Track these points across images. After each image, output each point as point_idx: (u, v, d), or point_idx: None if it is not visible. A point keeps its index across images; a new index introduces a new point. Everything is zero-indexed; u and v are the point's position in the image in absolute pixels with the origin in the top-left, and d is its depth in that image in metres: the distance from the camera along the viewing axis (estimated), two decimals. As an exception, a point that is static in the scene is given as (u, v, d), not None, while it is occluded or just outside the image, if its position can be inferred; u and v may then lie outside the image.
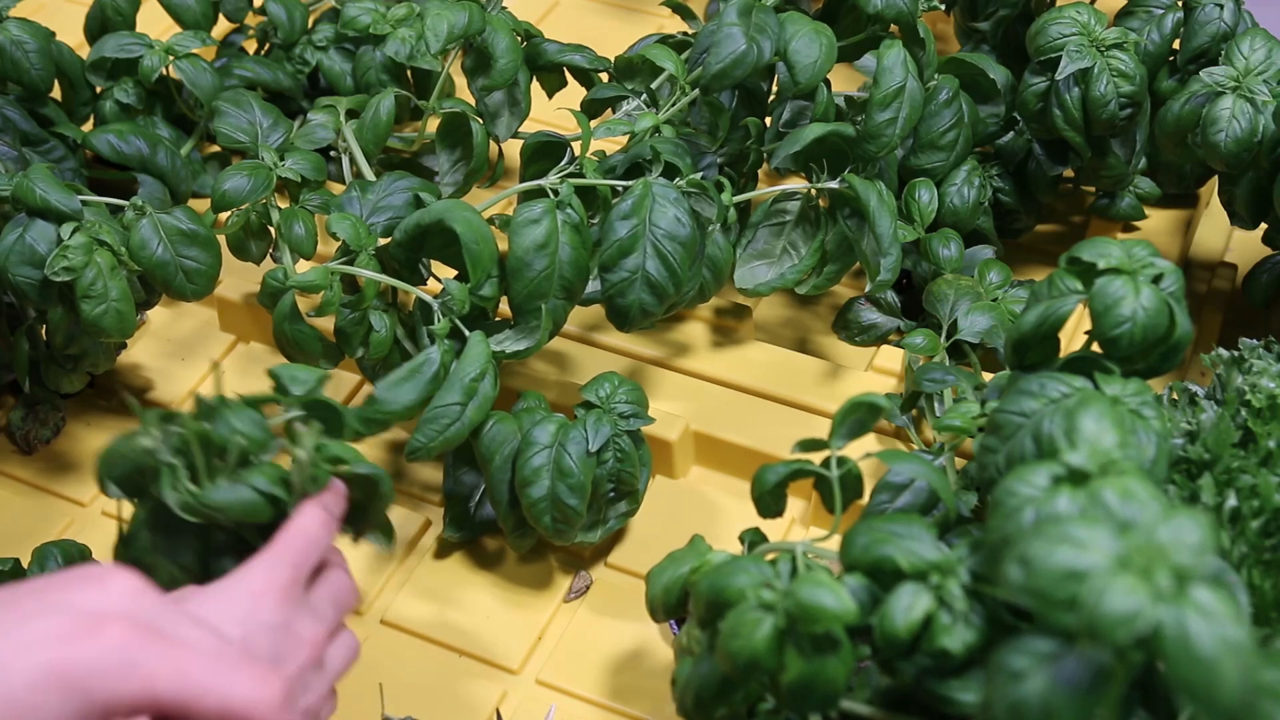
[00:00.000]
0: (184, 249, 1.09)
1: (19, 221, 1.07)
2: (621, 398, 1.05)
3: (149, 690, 0.61)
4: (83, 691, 0.60)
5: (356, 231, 1.07)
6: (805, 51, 1.11)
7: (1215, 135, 1.12)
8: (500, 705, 1.02)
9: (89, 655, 0.60)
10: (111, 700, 0.61)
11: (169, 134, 1.33)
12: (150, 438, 0.85)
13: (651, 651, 1.05)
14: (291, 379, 0.90)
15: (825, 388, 1.17)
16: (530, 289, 1.03)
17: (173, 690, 0.62)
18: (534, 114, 1.29)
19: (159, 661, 0.62)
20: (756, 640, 0.75)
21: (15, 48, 1.23)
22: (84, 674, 0.60)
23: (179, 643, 0.64)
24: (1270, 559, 0.86)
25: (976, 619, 0.73)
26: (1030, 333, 0.86)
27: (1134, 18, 1.25)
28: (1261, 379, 0.94)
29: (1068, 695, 0.62)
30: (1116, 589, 0.59)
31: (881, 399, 0.85)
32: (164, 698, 0.62)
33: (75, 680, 0.60)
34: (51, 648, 0.60)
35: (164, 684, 0.62)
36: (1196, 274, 1.30)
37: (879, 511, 0.95)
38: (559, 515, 1.01)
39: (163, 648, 0.62)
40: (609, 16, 1.62)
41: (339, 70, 1.39)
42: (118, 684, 0.61)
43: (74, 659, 0.60)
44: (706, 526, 1.11)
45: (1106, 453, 0.70)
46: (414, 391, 1.00)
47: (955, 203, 1.24)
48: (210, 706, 0.63)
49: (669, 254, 1.05)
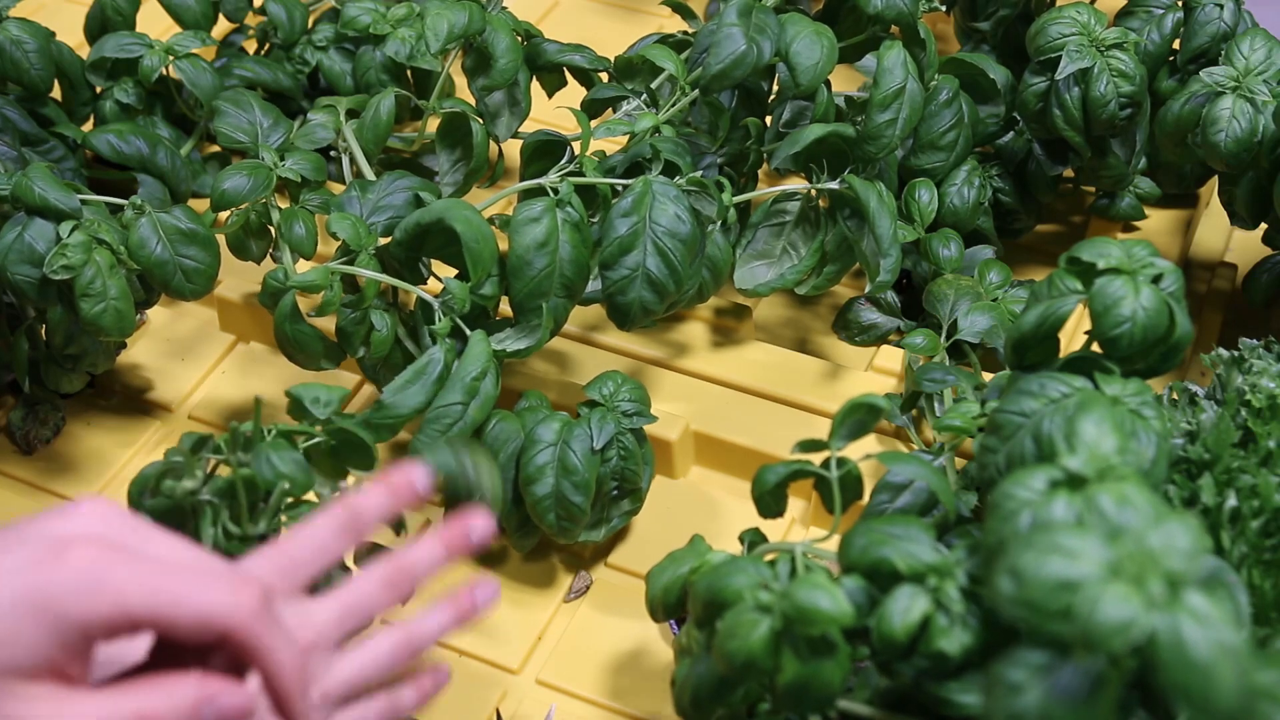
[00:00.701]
0: (183, 248, 1.09)
1: (18, 220, 1.07)
2: (625, 396, 1.05)
3: (121, 606, 0.61)
4: (56, 613, 0.60)
5: (356, 231, 1.07)
6: (807, 53, 1.11)
7: (1215, 135, 1.12)
8: (500, 705, 1.02)
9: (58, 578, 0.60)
10: (86, 620, 0.61)
11: (169, 134, 1.33)
12: (193, 479, 0.85)
13: (651, 651, 1.05)
14: (314, 400, 0.89)
15: (825, 388, 1.17)
16: (531, 288, 1.03)
17: (145, 604, 0.61)
18: (534, 114, 1.29)
19: (129, 577, 0.61)
20: (753, 641, 0.75)
21: (15, 47, 1.23)
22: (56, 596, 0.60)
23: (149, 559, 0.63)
24: (1270, 559, 0.86)
25: (974, 621, 0.73)
26: (1030, 333, 0.86)
27: (1134, 18, 1.25)
28: (1261, 379, 0.94)
29: (1066, 706, 0.62)
30: (1109, 598, 0.59)
31: (881, 399, 0.85)
32: (137, 612, 0.61)
33: (48, 603, 0.60)
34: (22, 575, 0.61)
35: (135, 599, 0.61)
36: (1196, 274, 1.29)
37: (879, 512, 0.95)
38: (564, 513, 1.01)
39: (132, 564, 0.62)
40: (609, 16, 1.62)
41: (339, 70, 1.39)
42: (89, 603, 0.60)
43: (43, 582, 0.60)
44: (706, 526, 1.11)
45: (1105, 457, 0.70)
46: (421, 394, 1.01)
47: (955, 203, 1.24)
48: (185, 617, 0.62)
49: (670, 251, 1.05)
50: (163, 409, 1.23)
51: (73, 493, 1.17)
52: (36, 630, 0.60)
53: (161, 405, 1.23)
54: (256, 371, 1.24)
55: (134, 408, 1.23)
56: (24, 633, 0.60)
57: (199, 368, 1.25)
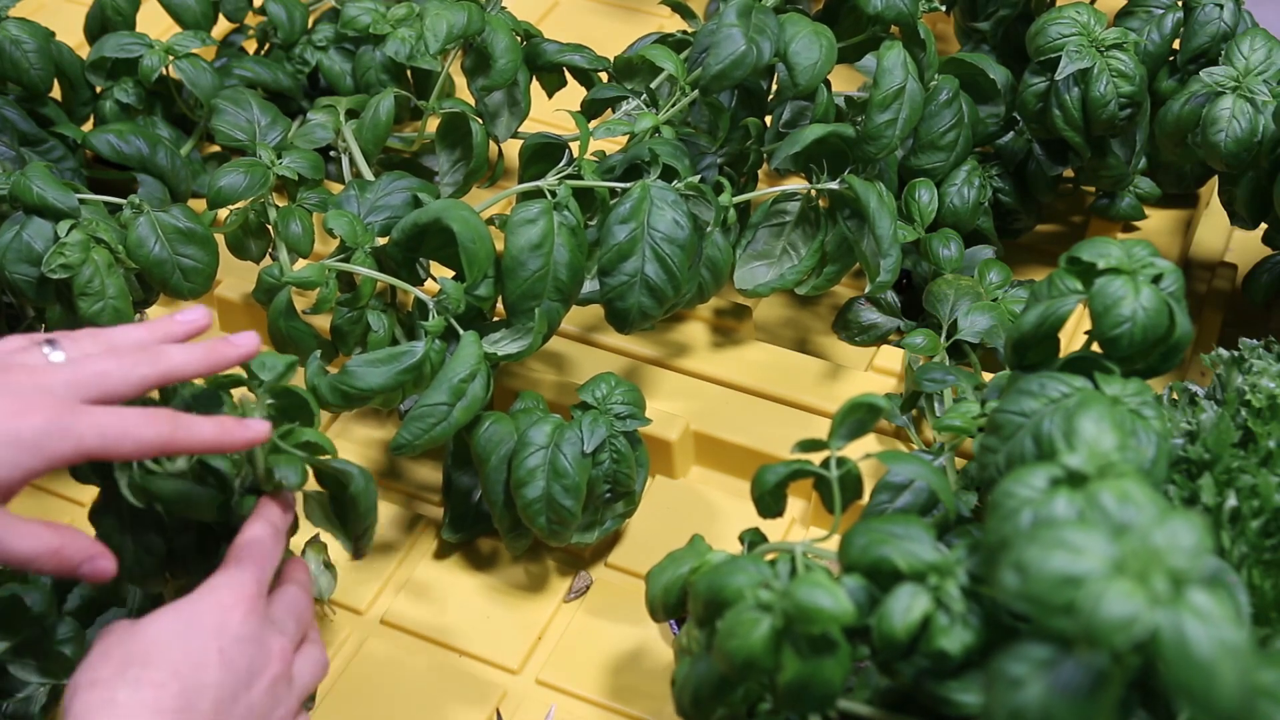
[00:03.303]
0: (181, 247, 1.09)
1: (16, 219, 1.07)
2: (618, 399, 1.05)
3: (80, 446, 0.79)
4: (33, 448, 0.78)
5: (353, 229, 1.06)
6: (805, 53, 1.11)
7: (1215, 135, 1.12)
8: (500, 705, 1.02)
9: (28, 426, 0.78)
10: (54, 454, 0.78)
11: (169, 134, 1.33)
12: None
13: (651, 651, 1.05)
14: (260, 365, 0.90)
15: (825, 388, 1.17)
16: (524, 289, 1.03)
17: (98, 443, 0.79)
18: (534, 114, 1.29)
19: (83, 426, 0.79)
20: (753, 640, 0.75)
21: (14, 47, 1.23)
22: (31, 438, 0.78)
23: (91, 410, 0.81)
24: (1270, 559, 0.86)
25: (974, 620, 0.73)
26: (1030, 333, 0.86)
27: (1134, 18, 1.25)
28: (1261, 379, 0.94)
29: (1067, 701, 0.62)
30: (1113, 594, 0.59)
31: (881, 399, 0.85)
32: (92, 449, 0.79)
33: (26, 441, 0.78)
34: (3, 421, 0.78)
35: (90, 440, 0.79)
36: (1196, 274, 1.29)
37: (878, 512, 0.95)
38: (554, 516, 1.01)
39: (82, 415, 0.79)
40: (609, 16, 1.62)
41: (339, 70, 1.39)
42: (58, 444, 0.78)
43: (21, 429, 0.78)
44: (706, 526, 1.11)
45: (1105, 455, 0.70)
46: (384, 375, 1.00)
47: (955, 203, 1.24)
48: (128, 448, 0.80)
49: (668, 257, 1.05)
50: (162, 409, 1.22)
51: (72, 492, 1.17)
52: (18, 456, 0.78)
53: (160, 405, 1.22)
54: (256, 371, 1.24)
55: (133, 408, 1.23)
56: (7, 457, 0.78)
57: (198, 368, 1.25)
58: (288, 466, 0.87)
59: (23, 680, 0.95)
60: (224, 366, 0.87)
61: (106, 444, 0.80)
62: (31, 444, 0.78)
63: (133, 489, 0.86)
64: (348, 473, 0.90)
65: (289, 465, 0.87)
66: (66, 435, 0.79)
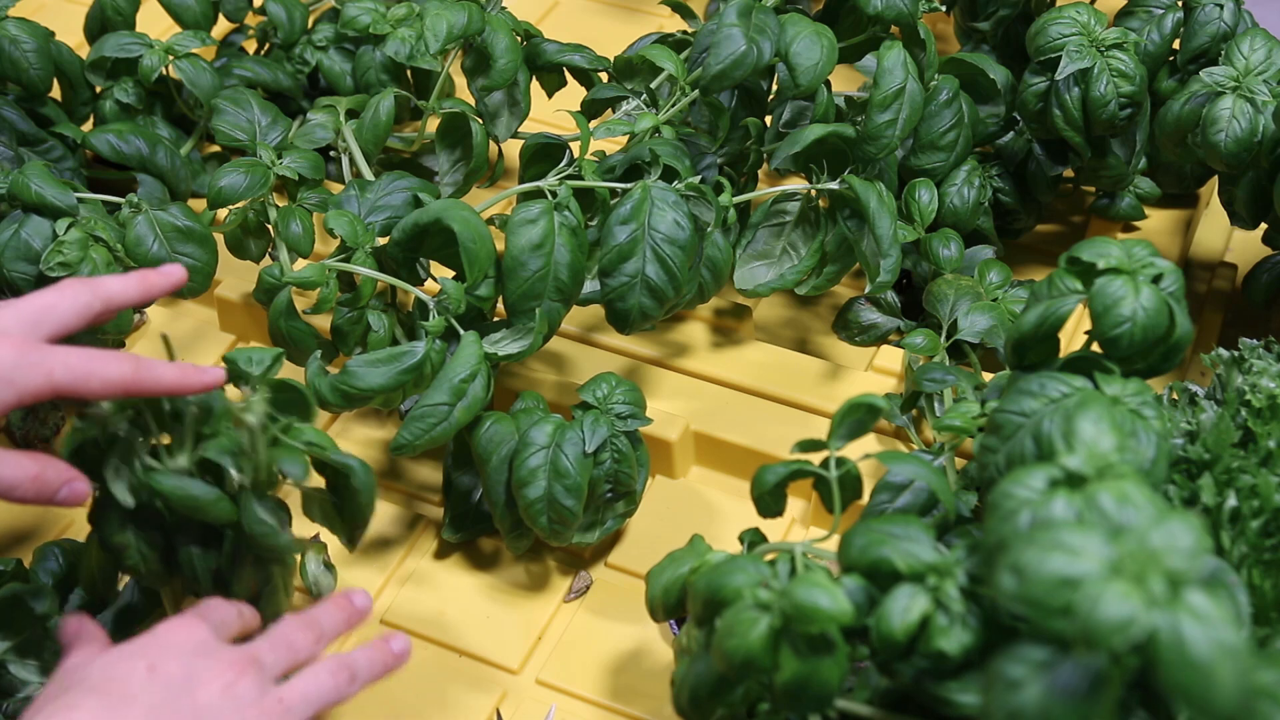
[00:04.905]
0: (180, 246, 1.09)
1: (14, 218, 1.07)
2: (619, 398, 1.05)
3: (50, 379, 0.82)
4: (4, 381, 0.81)
5: (354, 229, 1.06)
6: (807, 53, 1.11)
7: (1215, 135, 1.12)
8: (500, 705, 1.02)
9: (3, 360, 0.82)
10: (26, 387, 0.82)
11: (169, 134, 1.33)
12: (102, 409, 0.86)
13: (651, 651, 1.05)
14: (247, 360, 0.90)
15: (825, 388, 1.17)
16: (525, 289, 1.03)
17: (67, 378, 0.83)
18: (534, 114, 1.29)
19: (53, 360, 0.82)
20: (752, 639, 0.75)
21: (14, 47, 1.23)
22: (2, 371, 0.81)
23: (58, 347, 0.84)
24: (1270, 559, 0.86)
25: (973, 621, 0.73)
26: (1030, 333, 0.86)
27: (1134, 18, 1.25)
28: (1261, 379, 0.94)
29: (1065, 702, 0.62)
30: (1110, 595, 0.59)
31: (881, 399, 0.85)
32: (61, 383, 0.83)
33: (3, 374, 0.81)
34: None
35: (60, 374, 0.82)
36: (1196, 274, 1.29)
37: (878, 512, 0.95)
38: (555, 516, 1.01)
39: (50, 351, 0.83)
40: (609, 16, 1.62)
41: (339, 70, 1.39)
42: (28, 376, 0.82)
43: None
44: (706, 526, 1.11)
45: (1104, 456, 0.70)
46: (385, 375, 1.00)
47: (955, 203, 1.24)
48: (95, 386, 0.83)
49: (668, 258, 1.05)
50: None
51: (72, 493, 1.17)
52: None
53: (161, 405, 1.22)
54: (256, 371, 1.24)
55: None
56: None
57: (198, 368, 1.25)
58: (290, 460, 0.88)
59: (23, 680, 0.95)
60: (159, 293, 0.92)
61: (75, 379, 0.83)
62: (4, 377, 0.81)
63: (134, 487, 0.86)
64: (349, 466, 0.90)
65: (291, 458, 0.88)
66: (37, 368, 0.82)
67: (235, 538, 0.90)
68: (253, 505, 0.87)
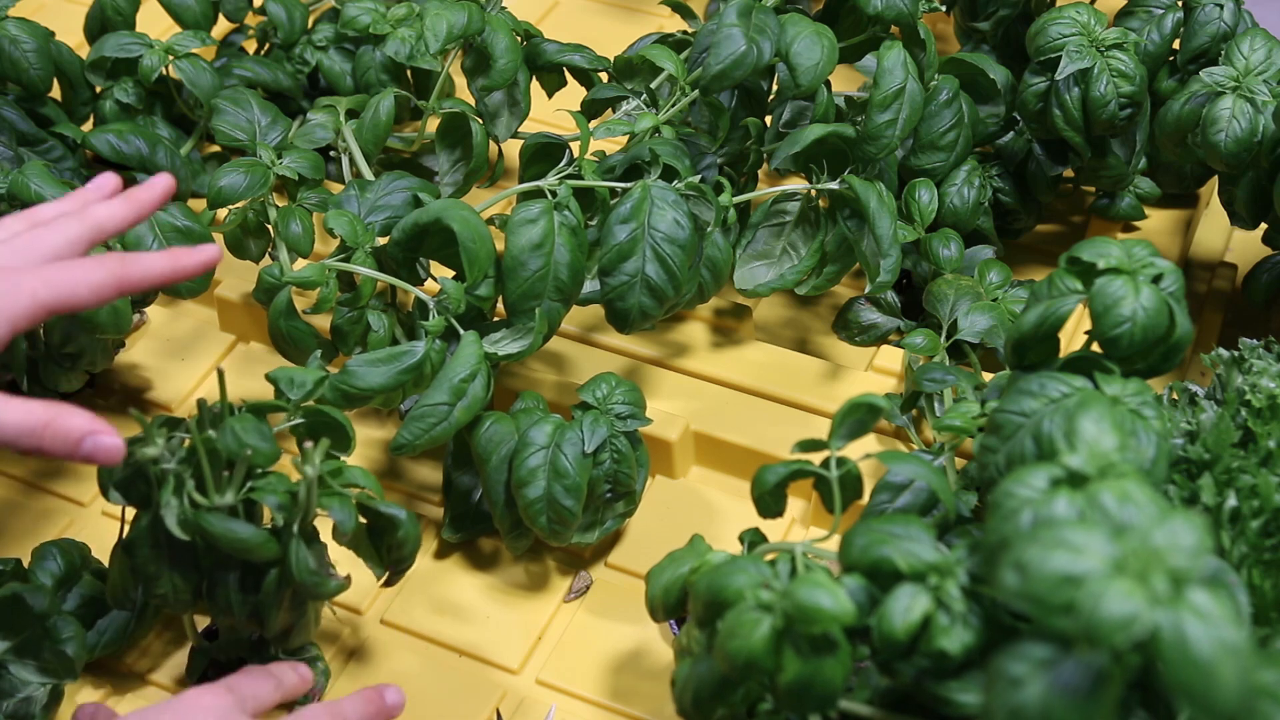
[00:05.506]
0: (178, 245, 1.09)
1: (15, 219, 1.07)
2: (619, 398, 1.05)
3: (36, 299, 0.81)
4: None
5: (353, 229, 1.06)
6: (807, 54, 1.11)
7: (1215, 135, 1.12)
8: (500, 705, 1.02)
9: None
10: (12, 314, 0.80)
11: (169, 134, 1.33)
12: (155, 446, 0.85)
13: (651, 651, 1.05)
14: (289, 383, 0.89)
15: (825, 388, 1.17)
16: (525, 288, 1.03)
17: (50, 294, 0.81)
18: (534, 114, 1.29)
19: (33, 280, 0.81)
20: (754, 640, 0.75)
21: (13, 47, 1.23)
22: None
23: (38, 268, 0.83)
24: (1270, 559, 0.86)
25: (975, 620, 0.73)
26: (1030, 333, 0.86)
27: (1134, 18, 1.25)
28: (1261, 379, 0.94)
29: (1067, 700, 0.62)
30: (1113, 593, 0.59)
31: (881, 399, 0.85)
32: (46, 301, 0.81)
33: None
34: None
35: (43, 293, 0.81)
36: (1196, 274, 1.29)
37: (878, 512, 0.95)
38: (555, 516, 1.01)
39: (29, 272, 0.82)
40: (609, 16, 1.62)
41: (339, 70, 1.39)
42: (12, 302, 0.80)
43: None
44: (706, 526, 1.11)
45: (1105, 455, 0.70)
46: (385, 375, 1.00)
47: (955, 203, 1.24)
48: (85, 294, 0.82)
49: (668, 257, 1.05)
50: (161, 409, 1.22)
51: (72, 492, 1.17)
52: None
53: (160, 405, 1.22)
54: (256, 372, 1.24)
55: (133, 407, 1.23)
56: None
57: (198, 367, 1.25)
58: (340, 508, 0.87)
59: (23, 680, 0.95)
60: (147, 212, 0.91)
61: (59, 293, 0.82)
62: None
63: (182, 524, 0.86)
64: (396, 518, 0.91)
65: (342, 507, 0.87)
66: (19, 292, 0.80)
67: (279, 576, 0.89)
68: (302, 552, 0.87)
